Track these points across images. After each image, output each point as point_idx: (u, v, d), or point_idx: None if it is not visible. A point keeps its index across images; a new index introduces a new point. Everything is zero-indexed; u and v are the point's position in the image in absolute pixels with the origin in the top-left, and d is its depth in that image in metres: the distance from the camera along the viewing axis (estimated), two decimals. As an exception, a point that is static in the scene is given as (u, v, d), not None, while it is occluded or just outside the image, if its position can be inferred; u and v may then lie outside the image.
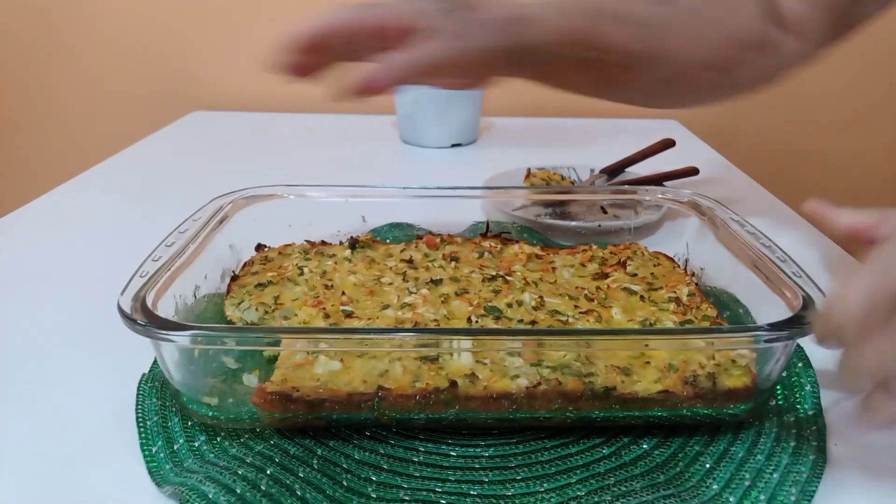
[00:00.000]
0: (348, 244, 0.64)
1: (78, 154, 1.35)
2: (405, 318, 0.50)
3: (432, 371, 0.43)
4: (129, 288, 0.42)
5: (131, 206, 0.85)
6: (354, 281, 0.57)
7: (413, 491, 0.38)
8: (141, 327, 0.39)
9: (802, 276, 0.45)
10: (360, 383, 0.42)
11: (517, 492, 0.38)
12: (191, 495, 0.36)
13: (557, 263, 0.62)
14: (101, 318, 0.46)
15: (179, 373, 0.42)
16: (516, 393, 0.41)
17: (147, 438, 0.42)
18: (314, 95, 1.33)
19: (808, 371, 0.48)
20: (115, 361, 0.49)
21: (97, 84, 1.36)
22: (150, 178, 0.97)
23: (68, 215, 0.81)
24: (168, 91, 1.35)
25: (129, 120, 1.36)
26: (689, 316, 0.52)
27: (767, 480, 0.38)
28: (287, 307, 0.52)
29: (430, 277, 0.57)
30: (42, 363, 0.50)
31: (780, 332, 0.39)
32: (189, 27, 1.31)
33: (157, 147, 1.13)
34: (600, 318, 0.52)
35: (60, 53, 1.34)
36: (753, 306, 0.51)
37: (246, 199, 0.61)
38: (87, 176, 0.96)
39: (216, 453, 0.41)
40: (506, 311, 0.52)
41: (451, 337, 0.44)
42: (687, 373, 0.43)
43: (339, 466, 0.40)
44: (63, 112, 1.38)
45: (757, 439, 0.42)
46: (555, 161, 0.95)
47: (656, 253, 0.64)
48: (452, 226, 0.69)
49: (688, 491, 0.38)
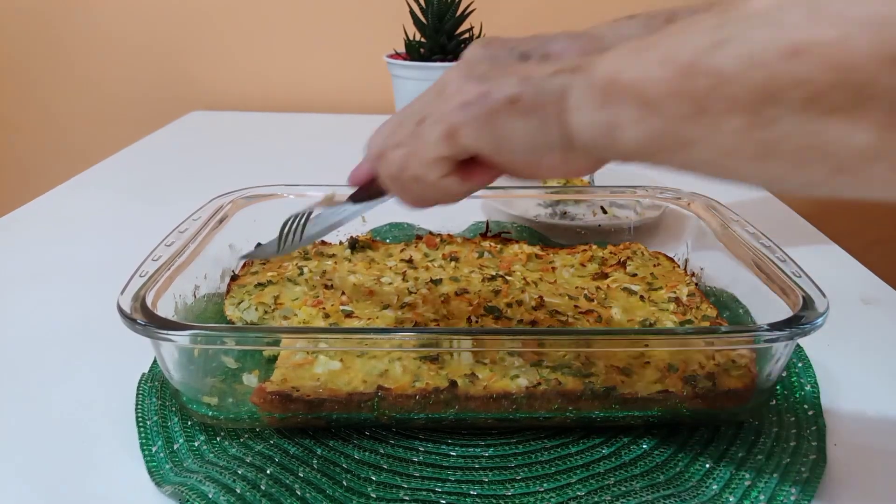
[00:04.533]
0: (348, 244, 0.64)
1: (78, 154, 1.35)
2: (405, 317, 0.50)
3: (432, 371, 0.43)
4: (129, 287, 0.42)
5: (131, 205, 0.85)
6: (354, 281, 0.57)
7: (413, 491, 0.38)
8: (141, 327, 0.39)
9: (802, 276, 0.45)
10: (360, 383, 0.42)
11: (517, 492, 0.38)
12: (190, 495, 0.36)
13: (557, 263, 0.62)
14: (100, 318, 0.46)
15: (179, 372, 0.42)
16: (516, 393, 0.41)
17: (147, 438, 0.42)
18: (314, 95, 1.33)
19: (808, 371, 0.48)
20: (115, 361, 0.49)
21: (97, 84, 1.36)
22: (150, 177, 0.97)
23: (68, 215, 0.81)
24: (168, 91, 1.35)
25: (128, 120, 1.36)
26: (689, 316, 0.52)
27: (767, 480, 0.38)
28: (287, 307, 0.52)
29: (430, 277, 0.57)
30: (42, 363, 0.50)
31: (780, 332, 0.39)
32: (189, 28, 1.31)
33: (157, 147, 1.13)
34: (600, 318, 0.52)
35: (60, 54, 1.34)
36: (753, 306, 0.51)
37: (245, 198, 0.61)
38: (87, 175, 0.96)
39: (216, 453, 0.41)
40: (506, 311, 0.52)
41: (452, 337, 0.44)
42: (687, 373, 0.43)
43: (338, 466, 0.40)
44: (63, 112, 1.38)
45: (757, 439, 0.42)
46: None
47: (656, 253, 0.64)
48: (452, 226, 0.69)
49: (688, 491, 0.38)
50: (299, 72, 1.33)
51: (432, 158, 0.36)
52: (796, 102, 0.24)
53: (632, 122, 0.29)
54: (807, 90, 0.24)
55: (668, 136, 0.28)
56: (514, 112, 0.33)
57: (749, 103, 0.25)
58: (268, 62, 1.33)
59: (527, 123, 0.32)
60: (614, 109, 0.29)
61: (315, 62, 1.32)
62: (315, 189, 0.63)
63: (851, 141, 0.24)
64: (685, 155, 0.28)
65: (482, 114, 0.33)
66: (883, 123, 0.23)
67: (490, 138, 0.33)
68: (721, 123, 0.26)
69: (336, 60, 1.32)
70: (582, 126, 0.31)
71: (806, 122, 0.24)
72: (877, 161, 0.24)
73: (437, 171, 0.36)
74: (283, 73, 1.33)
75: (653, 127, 0.28)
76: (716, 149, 0.27)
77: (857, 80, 0.22)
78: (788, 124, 0.25)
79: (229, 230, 0.58)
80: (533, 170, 0.34)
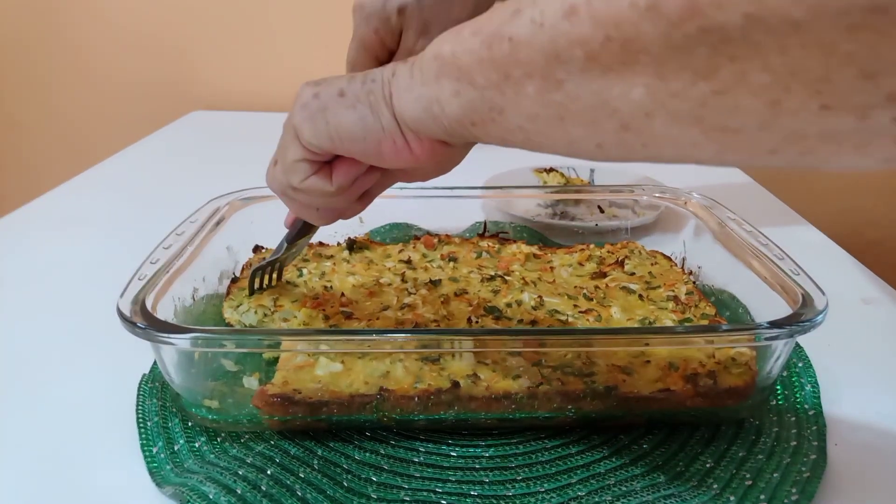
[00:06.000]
0: (346, 245, 0.64)
1: (78, 153, 1.35)
2: (405, 318, 0.50)
3: (434, 372, 0.43)
4: (128, 291, 0.42)
5: (131, 205, 0.84)
6: (353, 282, 0.56)
7: (413, 491, 0.38)
8: (141, 330, 0.39)
9: (801, 273, 0.45)
10: (361, 385, 0.42)
11: (517, 492, 0.38)
12: (191, 496, 0.36)
13: (555, 263, 0.62)
14: (101, 318, 0.46)
15: (179, 376, 0.42)
16: (518, 393, 0.41)
17: (148, 439, 0.42)
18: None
19: (809, 371, 0.48)
20: (116, 362, 0.49)
21: (97, 84, 1.36)
22: (151, 177, 0.97)
23: (68, 215, 0.81)
24: (168, 91, 1.35)
25: (129, 119, 1.36)
26: (688, 314, 0.52)
27: (768, 480, 0.38)
28: (286, 309, 0.52)
29: (429, 278, 0.57)
30: (42, 364, 0.50)
31: (780, 330, 0.39)
32: (189, 27, 1.31)
33: (158, 146, 1.13)
34: (600, 318, 0.52)
35: (61, 53, 1.34)
36: (751, 304, 0.51)
37: (242, 200, 0.60)
38: (87, 176, 0.96)
39: (216, 454, 0.41)
40: (505, 311, 0.52)
41: (453, 338, 0.44)
42: (688, 371, 0.43)
43: (339, 467, 0.40)
44: (63, 112, 1.38)
45: (757, 439, 0.42)
46: (555, 161, 0.95)
47: (653, 252, 0.64)
48: (452, 226, 0.69)
49: (688, 491, 0.38)
50: (300, 72, 1.33)
51: (290, 162, 0.39)
52: (579, 62, 0.25)
53: (450, 94, 0.31)
54: (585, 49, 0.25)
55: (482, 104, 0.30)
56: (343, 104, 0.36)
57: (541, 67, 0.27)
58: (269, 62, 1.33)
59: (356, 112, 0.35)
60: (435, 85, 0.32)
61: (316, 62, 1.32)
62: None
63: (630, 96, 0.25)
64: (500, 123, 0.30)
65: (315, 111, 0.36)
66: (652, 75, 0.24)
67: (326, 132, 0.36)
68: (522, 88, 0.28)
69: (337, 61, 1.31)
70: (408, 103, 0.33)
71: (590, 80, 0.26)
72: (654, 116, 0.25)
73: (300, 174, 0.39)
74: (284, 73, 1.33)
75: (469, 98, 0.30)
76: (522, 114, 0.29)
77: (624, 35, 0.23)
78: (575, 85, 0.26)
79: (227, 232, 0.57)
80: (377, 157, 0.36)
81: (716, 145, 0.25)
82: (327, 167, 0.39)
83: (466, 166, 0.42)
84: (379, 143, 0.35)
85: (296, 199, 0.41)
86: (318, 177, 0.39)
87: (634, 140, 0.26)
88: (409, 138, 0.35)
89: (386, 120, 0.35)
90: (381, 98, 0.35)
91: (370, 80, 0.35)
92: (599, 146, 0.28)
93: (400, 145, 0.35)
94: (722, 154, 0.25)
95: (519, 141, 0.31)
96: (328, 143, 0.37)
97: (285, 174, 0.40)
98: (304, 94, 0.37)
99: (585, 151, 0.29)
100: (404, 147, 0.35)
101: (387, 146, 0.35)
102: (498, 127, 0.31)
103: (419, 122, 0.34)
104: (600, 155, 0.28)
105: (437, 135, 0.34)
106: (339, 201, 0.41)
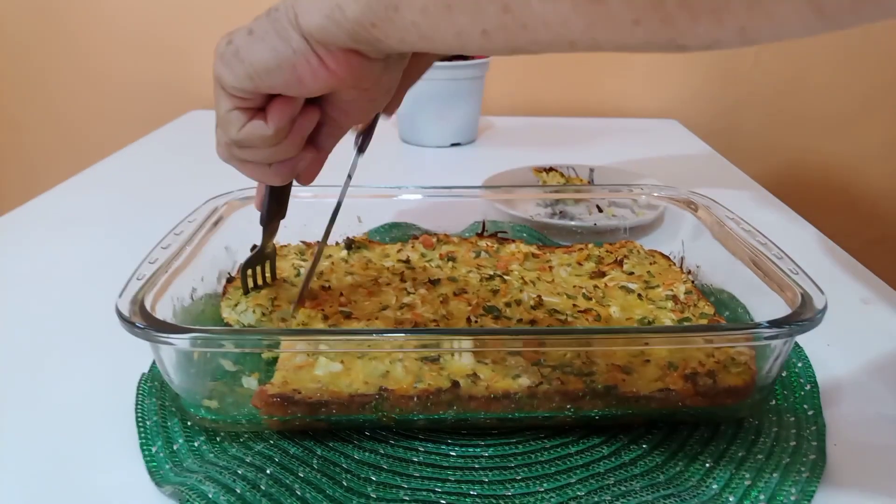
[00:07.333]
0: (344, 245, 0.64)
1: (76, 153, 1.35)
2: (404, 318, 0.50)
3: (433, 371, 0.43)
4: (127, 290, 0.42)
5: (130, 204, 0.84)
6: (352, 282, 0.56)
7: (413, 491, 0.38)
8: (140, 330, 0.39)
9: (800, 272, 0.45)
10: (361, 384, 0.42)
11: (517, 492, 0.38)
12: (190, 495, 0.36)
13: (554, 262, 0.62)
14: (100, 318, 0.46)
15: (179, 375, 0.42)
16: (518, 392, 0.41)
17: (147, 438, 0.41)
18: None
19: (808, 371, 0.48)
20: (115, 362, 0.49)
21: (96, 83, 1.35)
22: (149, 176, 0.97)
23: (67, 215, 0.81)
24: (167, 90, 1.35)
25: (127, 119, 1.36)
26: (687, 314, 0.52)
27: (767, 480, 0.38)
28: (285, 308, 0.52)
29: (428, 277, 0.57)
30: (42, 363, 0.50)
31: (779, 329, 0.39)
32: (188, 26, 1.31)
33: (156, 146, 1.13)
34: (599, 317, 0.52)
35: (60, 52, 1.33)
36: (750, 304, 0.51)
37: (240, 199, 0.60)
38: (86, 175, 0.96)
39: (216, 453, 0.41)
40: (505, 311, 0.52)
41: (453, 337, 0.43)
42: (687, 370, 0.43)
43: (338, 466, 0.40)
44: (62, 111, 1.38)
45: (757, 439, 0.42)
46: (554, 160, 0.95)
47: (652, 251, 0.64)
48: (450, 226, 0.69)
49: (688, 491, 0.38)
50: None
51: (223, 115, 0.40)
52: None
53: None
54: None
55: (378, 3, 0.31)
56: (253, 41, 0.37)
57: None
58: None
59: (266, 43, 0.36)
60: None
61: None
62: (311, 189, 0.63)
63: None
64: (396, 21, 0.31)
65: (230, 56, 0.37)
66: None
67: (244, 71, 0.37)
68: None
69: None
70: (312, 18, 0.34)
71: None
72: None
73: (235, 124, 0.39)
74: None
75: None
76: (415, 8, 0.30)
77: None
78: None
79: (225, 232, 0.57)
80: (298, 84, 0.37)
81: (584, 19, 0.26)
82: (262, 113, 0.39)
83: (466, 166, 0.42)
84: (294, 67, 0.36)
85: (244, 159, 0.42)
86: (254, 122, 0.39)
87: (515, 22, 0.28)
88: (321, 54, 0.36)
89: (296, 42, 0.35)
90: (287, 23, 0.35)
91: (274, 11, 0.37)
92: (485, 33, 0.29)
93: (315, 64, 0.36)
94: (591, 29, 0.27)
95: (415, 38, 0.32)
96: (249, 83, 0.37)
97: (223, 130, 0.40)
98: (219, 45, 0.39)
99: (473, 42, 0.30)
100: (319, 65, 0.36)
101: (302, 68, 0.36)
102: (395, 26, 0.32)
103: (324, 30, 0.34)
104: (487, 44, 0.30)
105: (345, 42, 0.35)
106: (284, 148, 0.41)
